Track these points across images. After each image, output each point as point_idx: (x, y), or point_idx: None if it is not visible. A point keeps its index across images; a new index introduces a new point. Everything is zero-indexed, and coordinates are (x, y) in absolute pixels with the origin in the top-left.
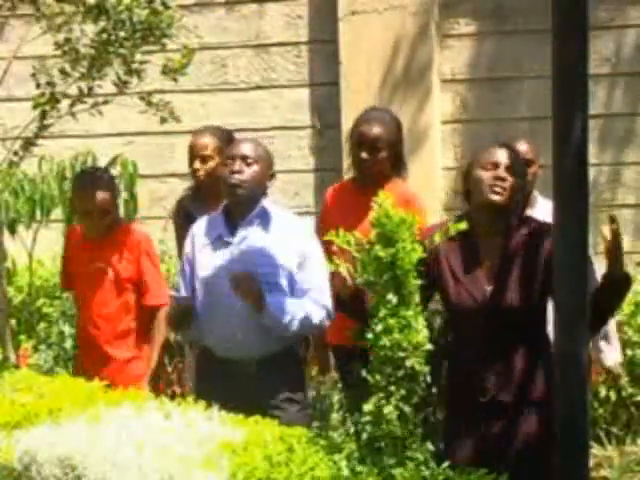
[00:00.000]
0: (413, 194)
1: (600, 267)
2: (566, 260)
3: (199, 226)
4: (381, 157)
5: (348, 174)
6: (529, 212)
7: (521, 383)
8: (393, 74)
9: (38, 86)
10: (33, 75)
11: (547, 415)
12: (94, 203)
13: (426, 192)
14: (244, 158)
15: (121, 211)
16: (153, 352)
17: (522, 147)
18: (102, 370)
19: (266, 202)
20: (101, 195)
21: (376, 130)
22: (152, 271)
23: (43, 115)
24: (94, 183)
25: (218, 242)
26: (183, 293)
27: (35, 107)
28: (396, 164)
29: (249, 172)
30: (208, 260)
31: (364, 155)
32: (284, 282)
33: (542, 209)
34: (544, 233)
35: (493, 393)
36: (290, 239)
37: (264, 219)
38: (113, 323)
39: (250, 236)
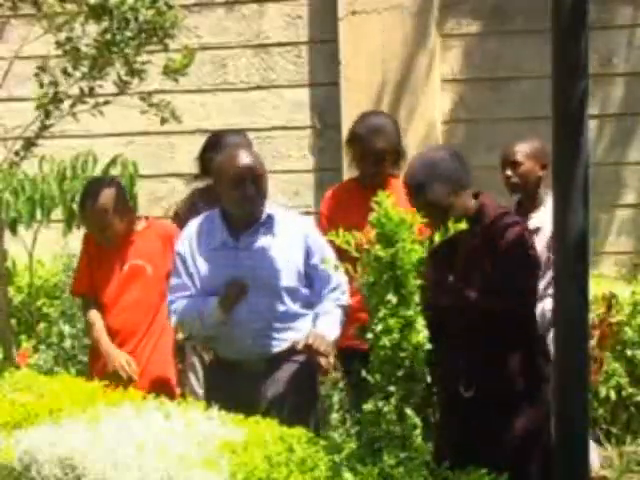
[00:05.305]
0: None
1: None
2: (566, 260)
3: (195, 230)
4: (387, 164)
5: (349, 174)
6: (536, 213)
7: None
8: (393, 74)
9: (41, 86)
10: (36, 75)
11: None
12: (91, 221)
13: None
14: (252, 175)
15: None
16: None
17: (513, 148)
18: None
19: (269, 206)
20: (96, 211)
21: (381, 144)
22: None
23: (46, 115)
24: (88, 201)
25: (223, 248)
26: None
27: (38, 107)
28: (397, 160)
29: (261, 188)
30: (214, 266)
31: (372, 168)
32: (292, 283)
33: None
34: (499, 230)
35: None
36: (294, 239)
37: (268, 223)
38: (149, 316)
39: (255, 240)
